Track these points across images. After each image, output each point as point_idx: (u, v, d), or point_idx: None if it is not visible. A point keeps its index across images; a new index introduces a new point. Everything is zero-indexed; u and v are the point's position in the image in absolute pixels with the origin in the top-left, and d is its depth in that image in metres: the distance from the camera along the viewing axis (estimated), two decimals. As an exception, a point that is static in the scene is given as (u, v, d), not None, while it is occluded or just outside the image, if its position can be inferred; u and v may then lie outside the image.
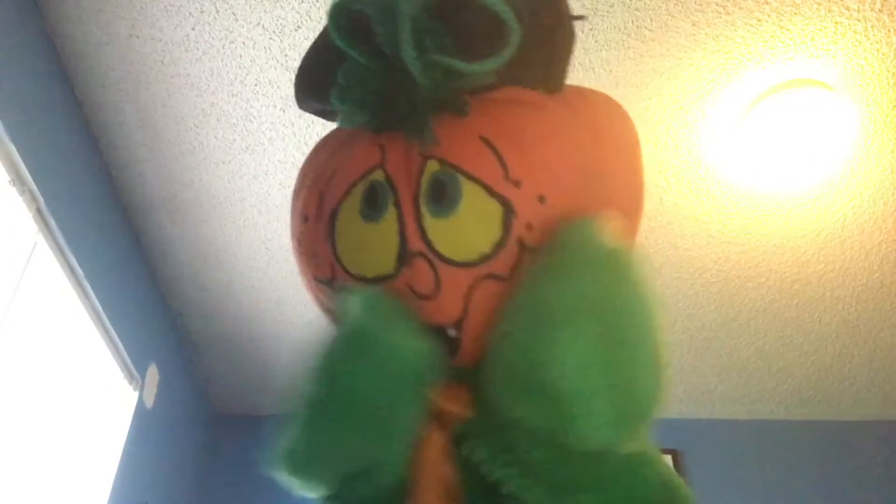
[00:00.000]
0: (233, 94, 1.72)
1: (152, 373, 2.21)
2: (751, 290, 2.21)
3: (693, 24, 1.55)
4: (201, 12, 1.55)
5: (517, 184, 0.59)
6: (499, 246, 0.58)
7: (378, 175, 0.63)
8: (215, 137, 1.82)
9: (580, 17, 0.68)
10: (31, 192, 1.56)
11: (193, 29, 1.58)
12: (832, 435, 2.71)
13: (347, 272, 0.64)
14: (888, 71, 1.61)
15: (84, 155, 1.81)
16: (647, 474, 0.58)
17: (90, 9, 1.54)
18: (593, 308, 0.53)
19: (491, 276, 0.59)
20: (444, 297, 0.59)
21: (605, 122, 0.68)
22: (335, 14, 0.64)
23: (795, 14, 1.52)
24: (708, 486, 2.56)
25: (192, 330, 2.46)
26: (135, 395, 2.09)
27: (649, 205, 0.75)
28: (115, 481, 1.95)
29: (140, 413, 2.11)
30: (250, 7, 1.54)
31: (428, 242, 0.59)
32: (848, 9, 1.51)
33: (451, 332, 0.60)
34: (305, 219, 0.69)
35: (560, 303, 0.53)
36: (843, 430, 2.72)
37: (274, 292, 2.27)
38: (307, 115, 1.74)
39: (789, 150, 1.73)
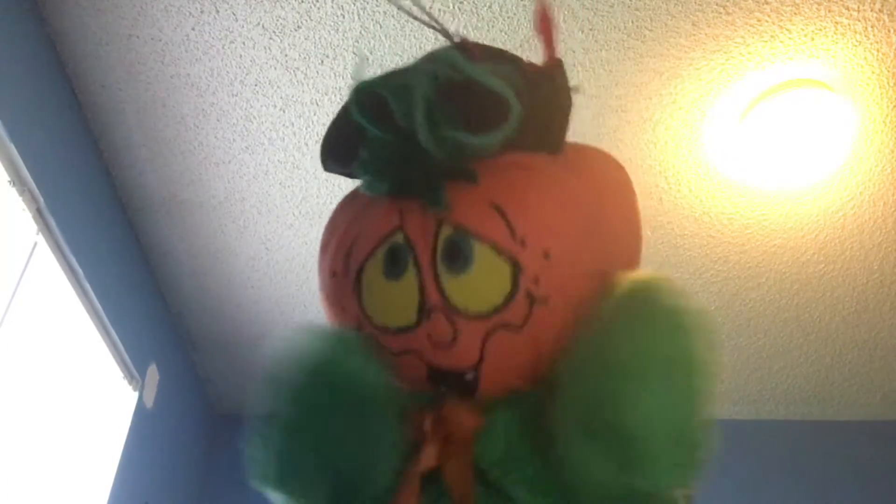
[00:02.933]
0: (233, 94, 1.72)
1: (152, 373, 2.21)
2: (751, 290, 2.21)
3: (693, 24, 1.55)
4: (201, 12, 1.55)
5: (523, 243, 0.66)
6: (509, 299, 0.65)
7: (398, 237, 0.70)
8: (215, 137, 1.82)
9: (576, 90, 0.75)
10: (31, 192, 1.56)
11: (193, 29, 1.58)
12: (832, 435, 2.70)
13: (372, 323, 0.72)
14: (888, 71, 1.61)
15: (84, 155, 1.81)
16: None
17: (90, 9, 1.54)
18: (664, 363, 0.59)
19: (504, 325, 0.66)
20: (462, 345, 0.66)
21: (603, 178, 0.76)
22: (356, 94, 0.71)
23: (795, 14, 1.52)
24: (708, 486, 2.56)
25: (192, 330, 2.46)
26: (135, 395, 2.09)
27: (650, 205, 0.77)
28: (114, 481, 1.95)
29: (140, 413, 2.11)
30: (250, 7, 1.54)
31: (445, 298, 0.67)
32: (848, 9, 1.51)
33: (469, 376, 0.67)
34: (334, 274, 0.76)
35: (635, 356, 0.60)
36: (843, 430, 2.71)
37: (274, 292, 2.27)
38: (307, 114, 1.75)
39: (789, 151, 1.74)
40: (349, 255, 0.74)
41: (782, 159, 1.76)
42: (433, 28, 0.82)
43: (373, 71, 0.74)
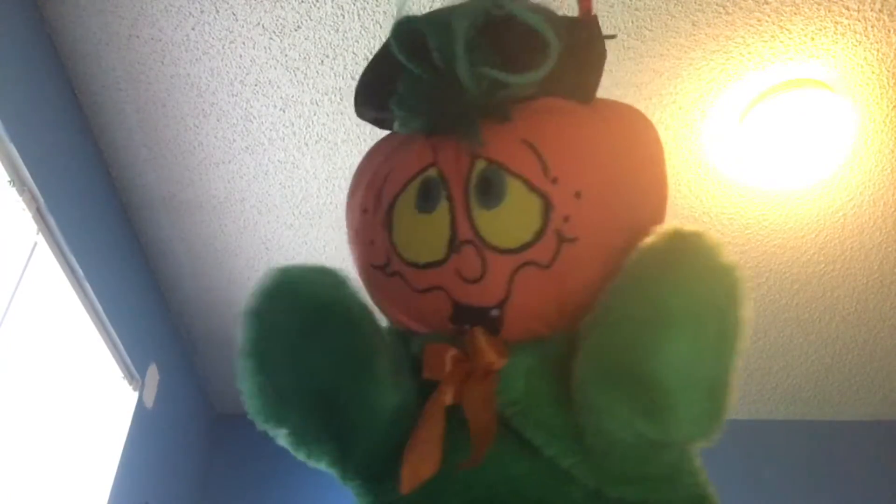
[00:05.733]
0: (233, 94, 1.72)
1: (152, 373, 2.21)
2: (751, 290, 2.21)
3: (693, 24, 1.55)
4: (201, 12, 1.55)
5: (555, 181, 0.66)
6: (538, 235, 0.65)
7: (432, 172, 0.71)
8: (215, 137, 1.82)
9: (611, 36, 0.76)
10: (31, 192, 1.56)
11: (193, 29, 1.58)
12: (832, 435, 2.71)
13: (401, 258, 0.71)
14: (888, 71, 1.61)
15: (84, 155, 1.81)
16: (688, 483, 0.65)
17: (90, 9, 1.54)
18: (703, 316, 0.58)
19: (531, 262, 0.66)
20: (490, 281, 0.66)
21: (633, 131, 0.76)
22: (397, 30, 0.72)
23: (795, 14, 1.52)
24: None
25: (192, 330, 2.46)
26: (135, 395, 2.09)
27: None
28: (114, 482, 1.95)
29: (140, 413, 2.11)
30: (250, 7, 1.54)
31: (476, 231, 0.67)
32: (848, 9, 1.51)
33: (494, 313, 0.67)
34: (364, 211, 0.76)
35: (673, 306, 0.58)
36: (843, 430, 2.72)
37: (274, 292, 2.26)
38: (307, 114, 1.75)
39: (789, 151, 1.73)
40: (381, 190, 0.74)
41: (782, 159, 1.76)
42: None
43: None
